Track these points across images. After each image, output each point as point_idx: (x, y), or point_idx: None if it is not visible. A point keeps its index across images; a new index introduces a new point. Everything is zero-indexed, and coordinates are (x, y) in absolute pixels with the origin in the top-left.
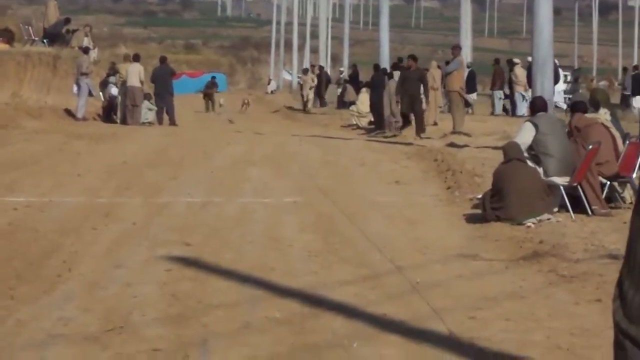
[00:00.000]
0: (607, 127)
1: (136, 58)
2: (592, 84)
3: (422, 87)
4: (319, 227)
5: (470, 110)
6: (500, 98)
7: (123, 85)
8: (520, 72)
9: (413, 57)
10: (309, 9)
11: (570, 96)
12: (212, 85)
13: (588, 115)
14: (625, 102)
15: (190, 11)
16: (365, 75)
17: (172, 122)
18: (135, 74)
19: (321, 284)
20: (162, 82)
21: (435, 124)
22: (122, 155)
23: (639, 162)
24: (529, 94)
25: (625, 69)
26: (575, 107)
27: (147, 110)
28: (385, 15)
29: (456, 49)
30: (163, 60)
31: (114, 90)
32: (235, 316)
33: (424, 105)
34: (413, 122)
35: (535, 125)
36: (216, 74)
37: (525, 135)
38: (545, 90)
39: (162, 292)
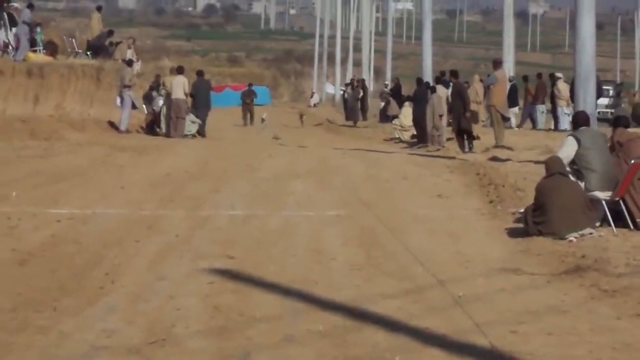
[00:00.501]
0: None
1: (180, 70)
2: (635, 98)
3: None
4: (361, 240)
5: (511, 125)
6: (542, 112)
7: (167, 98)
8: (562, 87)
9: (454, 73)
10: (352, 23)
11: (613, 110)
12: (249, 94)
13: (630, 129)
14: None
15: (234, 24)
16: (407, 89)
17: (202, 134)
18: (180, 86)
19: (364, 298)
20: (202, 95)
21: (477, 137)
22: (165, 168)
23: None
24: (570, 109)
25: None
26: (617, 121)
27: (191, 123)
28: (428, 29)
29: (496, 63)
30: (200, 73)
31: (159, 103)
32: (277, 329)
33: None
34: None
35: (578, 140)
36: (259, 87)
37: (567, 150)
38: (587, 104)
39: (205, 304)
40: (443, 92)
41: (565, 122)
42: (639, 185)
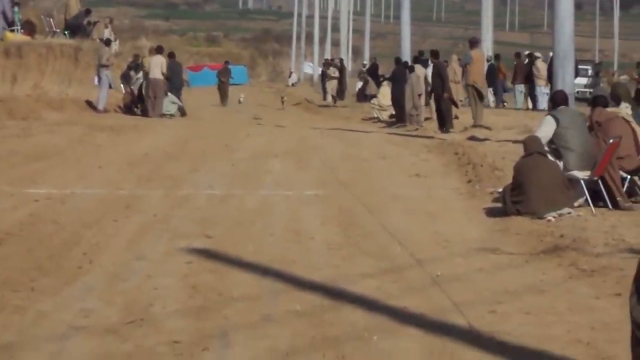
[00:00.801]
0: (628, 122)
1: (159, 50)
2: (613, 78)
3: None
4: (340, 220)
5: (489, 103)
6: (521, 92)
7: (146, 78)
8: (541, 66)
9: (434, 53)
10: (331, 2)
11: (592, 90)
12: (225, 72)
13: (609, 109)
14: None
15: (212, 3)
16: (385, 69)
17: (183, 114)
18: (157, 66)
19: (342, 277)
20: (175, 77)
21: (455, 117)
22: (143, 147)
23: None
24: (548, 89)
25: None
26: (596, 101)
27: (170, 103)
28: (407, 8)
29: (472, 42)
30: (172, 55)
31: (138, 82)
32: (255, 308)
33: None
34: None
35: (556, 119)
36: (237, 66)
37: (546, 129)
38: (566, 84)
39: (183, 284)
40: (421, 72)
41: (544, 102)
42: (617, 165)
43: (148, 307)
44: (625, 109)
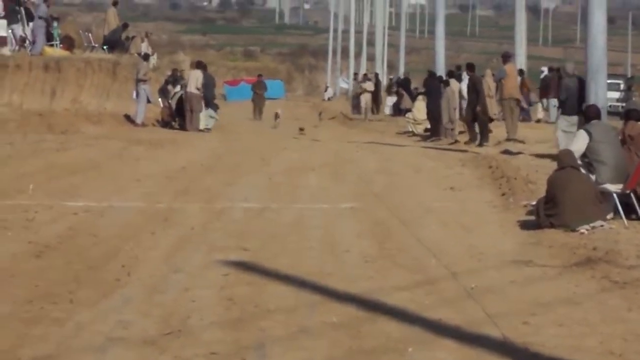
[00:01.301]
0: None
1: (198, 65)
2: None
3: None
4: (374, 232)
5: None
6: (554, 106)
7: (185, 92)
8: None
9: (470, 66)
10: (366, 17)
11: (624, 104)
12: (260, 85)
13: None
14: None
15: (249, 18)
16: (417, 82)
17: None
18: (193, 81)
19: (377, 289)
20: (208, 89)
21: (490, 131)
22: (180, 161)
23: None
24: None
25: None
26: (628, 114)
27: (209, 117)
28: (441, 23)
29: (505, 57)
30: (204, 67)
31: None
32: (292, 320)
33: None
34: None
35: (589, 133)
36: (274, 80)
37: (579, 143)
38: (598, 98)
39: (220, 296)
40: (456, 86)
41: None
42: None
43: (185, 319)
44: None
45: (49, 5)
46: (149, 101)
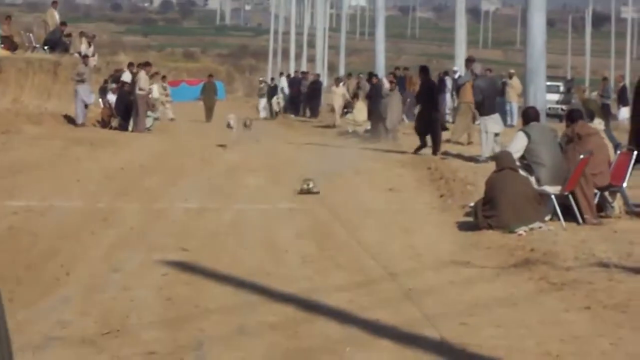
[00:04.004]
0: (601, 138)
1: (144, 66)
2: (584, 94)
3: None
4: (314, 233)
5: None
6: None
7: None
8: (515, 83)
9: (424, 70)
10: (307, 19)
11: (564, 106)
12: (210, 87)
13: (591, 124)
14: (605, 111)
15: (190, 20)
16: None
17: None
18: (140, 82)
19: (316, 290)
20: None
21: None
22: (120, 161)
23: (629, 172)
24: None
25: (605, 79)
26: (572, 115)
27: (149, 118)
28: (381, 25)
29: (469, 61)
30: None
31: (111, 97)
32: (230, 320)
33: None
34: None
35: (528, 135)
36: (214, 81)
37: (517, 145)
38: (537, 100)
39: (159, 296)
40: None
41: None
42: (590, 180)
43: (124, 319)
44: (599, 125)
45: None
46: (85, 103)
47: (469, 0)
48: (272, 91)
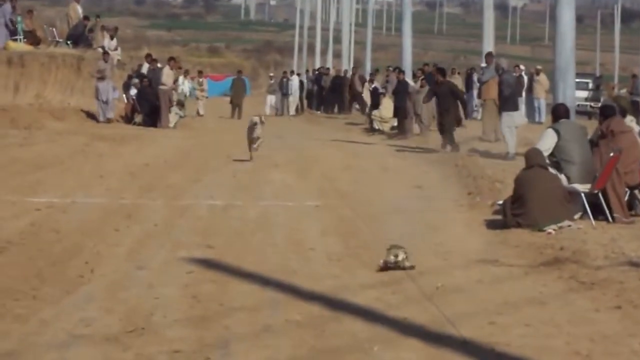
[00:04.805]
0: (634, 135)
1: (169, 61)
2: (613, 91)
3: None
4: (340, 231)
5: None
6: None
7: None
8: (543, 80)
9: (441, 71)
10: (332, 14)
11: (592, 104)
12: (239, 83)
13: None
14: (635, 109)
15: (214, 14)
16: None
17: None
18: (165, 77)
19: (342, 288)
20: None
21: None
22: (144, 157)
23: None
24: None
25: (634, 76)
26: (610, 111)
27: (174, 115)
28: (408, 20)
29: (489, 56)
30: (154, 60)
31: (134, 92)
32: (256, 319)
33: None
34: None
35: (557, 132)
36: (243, 77)
37: (547, 142)
38: (567, 97)
39: (184, 294)
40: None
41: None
42: (622, 178)
43: (149, 317)
44: (630, 122)
45: (14, 7)
46: (104, 99)
47: None
48: (286, 88)
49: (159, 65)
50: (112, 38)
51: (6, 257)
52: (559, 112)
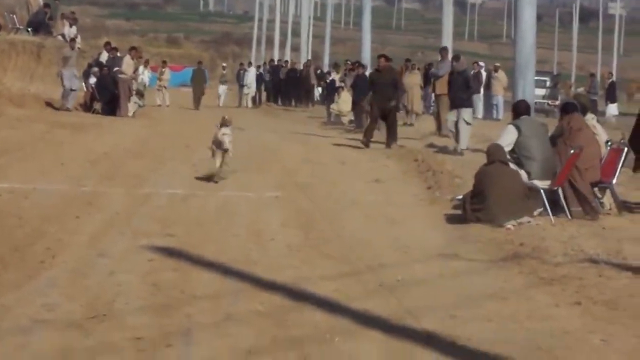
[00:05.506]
0: (593, 132)
1: (130, 50)
2: (570, 90)
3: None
4: (300, 222)
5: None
6: (479, 101)
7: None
8: (502, 76)
9: (385, 57)
10: (291, 7)
11: (550, 101)
12: (200, 74)
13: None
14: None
15: (173, 5)
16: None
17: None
18: (125, 66)
19: (302, 279)
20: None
21: (411, 124)
22: (104, 146)
23: (619, 168)
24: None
25: (592, 75)
26: (571, 107)
27: (133, 104)
28: (368, 15)
29: (444, 51)
30: (114, 49)
31: (93, 80)
32: (218, 307)
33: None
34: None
35: (518, 128)
36: (203, 68)
37: (508, 138)
38: (526, 94)
39: (145, 281)
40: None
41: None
42: (584, 174)
43: (111, 303)
44: (591, 120)
45: None
46: (66, 86)
47: None
48: (242, 80)
49: (118, 54)
50: (71, 26)
51: None
52: (519, 109)
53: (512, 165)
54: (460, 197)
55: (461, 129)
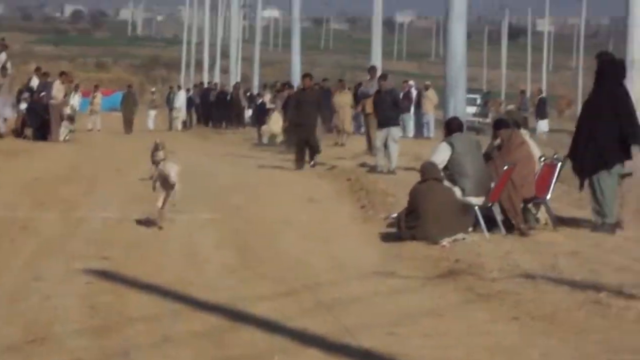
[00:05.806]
0: (527, 148)
1: (60, 75)
2: (501, 107)
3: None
4: (235, 244)
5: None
6: (409, 120)
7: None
8: (431, 95)
9: (309, 76)
10: (220, 30)
11: (480, 119)
12: (130, 97)
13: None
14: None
15: (101, 30)
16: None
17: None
18: (55, 91)
19: (239, 299)
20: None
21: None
22: (36, 171)
23: (553, 184)
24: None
25: (522, 92)
26: (503, 123)
27: (64, 128)
28: (297, 36)
29: (373, 70)
30: (45, 74)
31: (24, 106)
32: (156, 329)
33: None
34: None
35: (451, 145)
36: (133, 92)
37: (441, 155)
38: (457, 112)
39: (82, 304)
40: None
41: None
42: (518, 189)
43: (49, 327)
44: (525, 136)
45: None
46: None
47: (384, 11)
48: (172, 103)
49: (49, 79)
50: (0, 52)
51: None
52: (452, 126)
53: (446, 183)
54: (395, 215)
55: (391, 148)
